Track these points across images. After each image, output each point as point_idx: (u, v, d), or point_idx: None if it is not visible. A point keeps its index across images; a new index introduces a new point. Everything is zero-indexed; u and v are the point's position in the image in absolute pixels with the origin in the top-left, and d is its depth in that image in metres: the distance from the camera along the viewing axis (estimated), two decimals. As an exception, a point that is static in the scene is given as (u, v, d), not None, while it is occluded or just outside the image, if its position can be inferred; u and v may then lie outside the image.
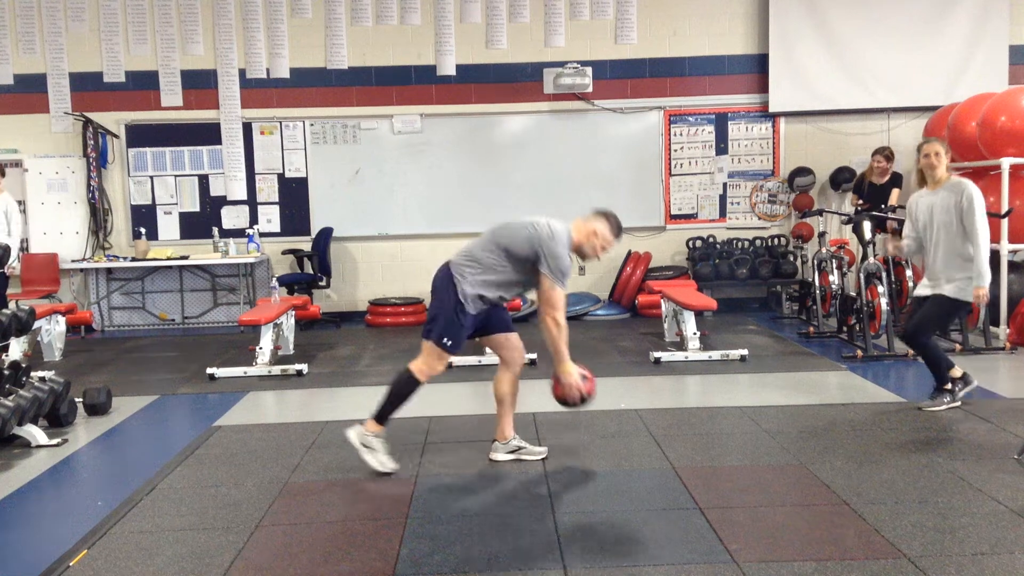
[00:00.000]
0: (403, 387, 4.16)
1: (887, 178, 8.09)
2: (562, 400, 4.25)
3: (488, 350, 6.90)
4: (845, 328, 7.27)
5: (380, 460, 4.18)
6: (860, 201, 8.20)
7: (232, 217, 9.27)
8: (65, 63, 9.06)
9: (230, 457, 4.58)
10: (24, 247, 9.03)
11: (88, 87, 9.07)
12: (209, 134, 9.18)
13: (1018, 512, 3.53)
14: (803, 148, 9.28)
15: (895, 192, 8.07)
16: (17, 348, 6.70)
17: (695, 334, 6.89)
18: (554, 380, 4.26)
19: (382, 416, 4.18)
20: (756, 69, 9.16)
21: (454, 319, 4.10)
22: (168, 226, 9.28)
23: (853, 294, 7.08)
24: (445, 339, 4.11)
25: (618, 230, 4.24)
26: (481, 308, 4.15)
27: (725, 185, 9.37)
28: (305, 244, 9.23)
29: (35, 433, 4.88)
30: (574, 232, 4.17)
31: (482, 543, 3.36)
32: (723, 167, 9.34)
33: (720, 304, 7.79)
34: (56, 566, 3.27)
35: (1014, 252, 7.39)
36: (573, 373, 4.17)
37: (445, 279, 4.17)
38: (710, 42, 9.17)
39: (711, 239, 9.19)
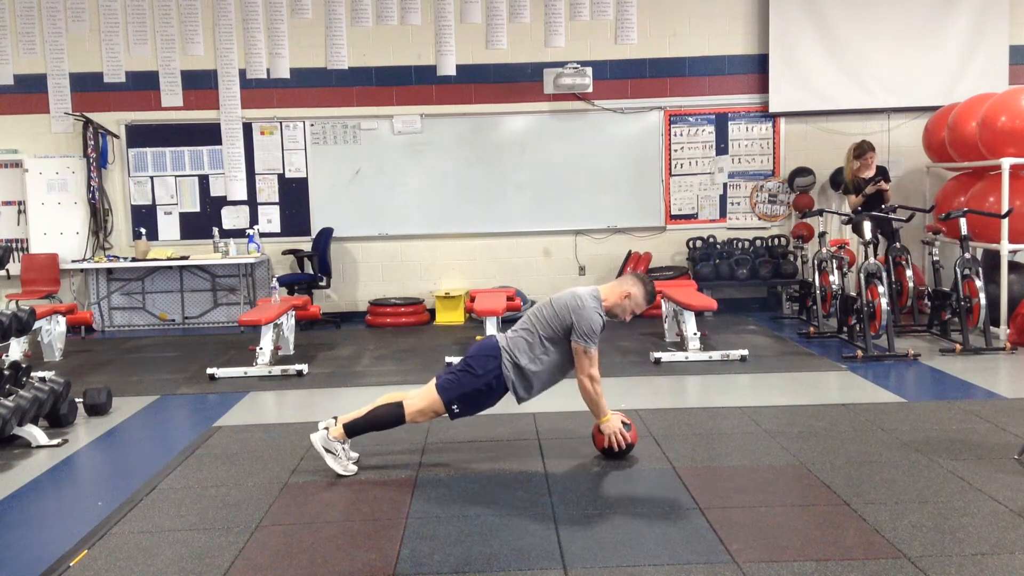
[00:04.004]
0: (387, 420, 4.20)
1: (873, 171, 8.06)
2: (607, 450, 4.30)
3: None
4: (845, 328, 7.27)
5: (344, 465, 4.21)
6: (862, 198, 8.11)
7: (232, 217, 9.27)
8: (65, 63, 9.06)
9: (230, 457, 4.58)
10: (25, 247, 9.06)
11: (88, 87, 9.07)
12: (209, 134, 9.18)
13: (1018, 512, 3.53)
14: (803, 148, 9.27)
15: (883, 185, 8.01)
16: (17, 348, 6.71)
17: (695, 334, 6.89)
18: (596, 431, 4.33)
19: (353, 432, 4.22)
20: (756, 69, 9.16)
21: (476, 396, 4.16)
22: (168, 226, 9.27)
23: (853, 294, 7.08)
24: (455, 407, 4.16)
25: (651, 296, 4.36)
26: (517, 393, 4.21)
27: (725, 185, 9.37)
28: (305, 244, 9.23)
29: (35, 433, 4.88)
30: (605, 292, 4.27)
31: (482, 543, 3.36)
32: (723, 167, 9.34)
33: (720, 304, 7.79)
34: (56, 566, 3.28)
35: (1014, 252, 7.39)
36: (614, 422, 4.24)
37: (491, 349, 4.19)
38: (710, 42, 9.17)
39: (711, 239, 9.18)
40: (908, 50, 8.99)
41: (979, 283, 6.88)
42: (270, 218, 9.30)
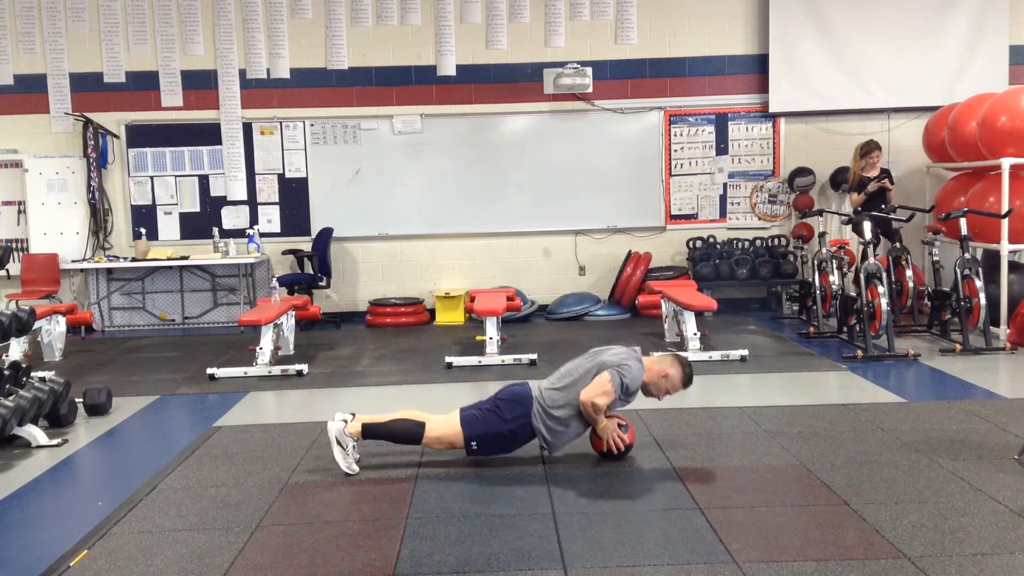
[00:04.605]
0: (406, 436, 4.22)
1: (877, 171, 8.10)
2: (605, 453, 4.30)
3: (489, 350, 6.94)
4: (845, 328, 7.27)
5: (348, 463, 4.21)
6: (864, 197, 8.08)
7: (232, 217, 9.27)
8: (65, 63, 9.06)
9: (230, 457, 4.58)
10: (25, 247, 9.06)
11: (88, 87, 9.07)
12: (209, 134, 9.18)
13: (1018, 512, 3.53)
14: (803, 148, 9.28)
15: (887, 183, 8.04)
16: (17, 348, 6.71)
17: (695, 334, 6.88)
18: (593, 435, 4.32)
19: (369, 435, 4.23)
20: (756, 69, 9.16)
21: (498, 439, 4.18)
22: (168, 226, 9.27)
23: (853, 294, 7.08)
24: (475, 444, 4.18)
25: (688, 380, 4.32)
26: (548, 442, 4.21)
27: (725, 185, 9.37)
28: (305, 244, 9.23)
29: (35, 433, 4.88)
30: (645, 366, 4.25)
31: (482, 543, 3.36)
32: (723, 167, 9.34)
33: (720, 304, 7.78)
34: (56, 566, 3.28)
35: (1014, 252, 7.39)
36: (610, 427, 4.25)
37: (523, 397, 4.20)
38: (710, 42, 9.17)
39: (711, 239, 9.18)
40: (908, 50, 8.99)
41: (979, 283, 6.88)
42: (270, 218, 9.30)
